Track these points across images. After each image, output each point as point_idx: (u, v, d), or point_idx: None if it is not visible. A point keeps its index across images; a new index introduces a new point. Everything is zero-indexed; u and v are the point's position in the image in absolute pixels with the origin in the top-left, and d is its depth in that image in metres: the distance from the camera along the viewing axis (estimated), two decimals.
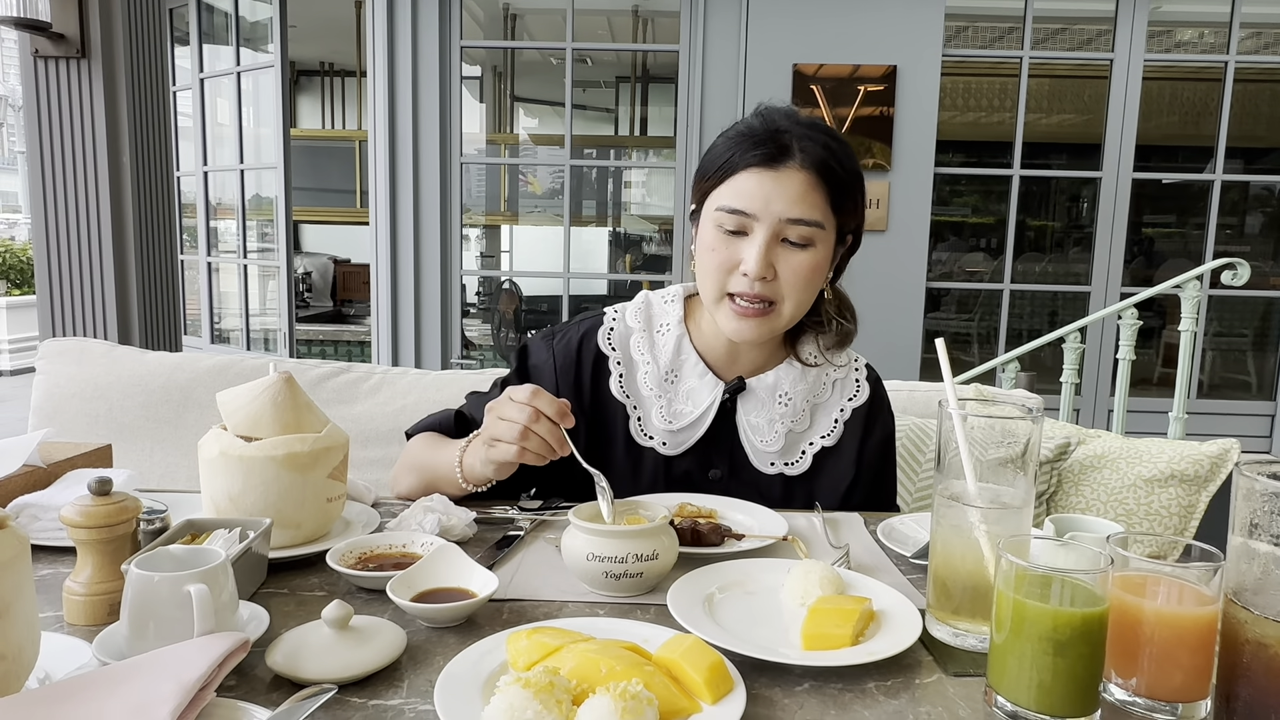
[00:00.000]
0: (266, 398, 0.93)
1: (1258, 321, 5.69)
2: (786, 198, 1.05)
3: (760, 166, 1.06)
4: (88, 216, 2.70)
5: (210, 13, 5.87)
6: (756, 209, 1.06)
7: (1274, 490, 0.56)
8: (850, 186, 1.10)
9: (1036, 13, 5.04)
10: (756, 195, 1.06)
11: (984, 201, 6.20)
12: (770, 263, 1.07)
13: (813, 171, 1.06)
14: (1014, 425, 0.77)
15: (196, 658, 0.59)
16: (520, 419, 0.95)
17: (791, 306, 1.10)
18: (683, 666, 0.65)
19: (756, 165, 1.06)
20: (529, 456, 0.97)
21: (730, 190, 1.08)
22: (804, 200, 1.06)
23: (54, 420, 1.69)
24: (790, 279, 1.08)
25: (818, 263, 1.09)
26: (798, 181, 1.06)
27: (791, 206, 1.05)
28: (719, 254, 1.09)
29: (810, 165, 1.06)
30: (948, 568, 0.78)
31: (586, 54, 7.17)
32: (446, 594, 0.81)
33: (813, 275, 1.09)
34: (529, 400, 0.96)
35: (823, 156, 1.06)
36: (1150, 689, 0.66)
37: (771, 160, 1.06)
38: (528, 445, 0.96)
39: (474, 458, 1.05)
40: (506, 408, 0.97)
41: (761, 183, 1.06)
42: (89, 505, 0.77)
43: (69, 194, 2.68)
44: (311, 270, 9.10)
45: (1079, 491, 1.62)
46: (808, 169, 1.06)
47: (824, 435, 1.21)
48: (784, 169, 1.06)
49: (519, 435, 0.96)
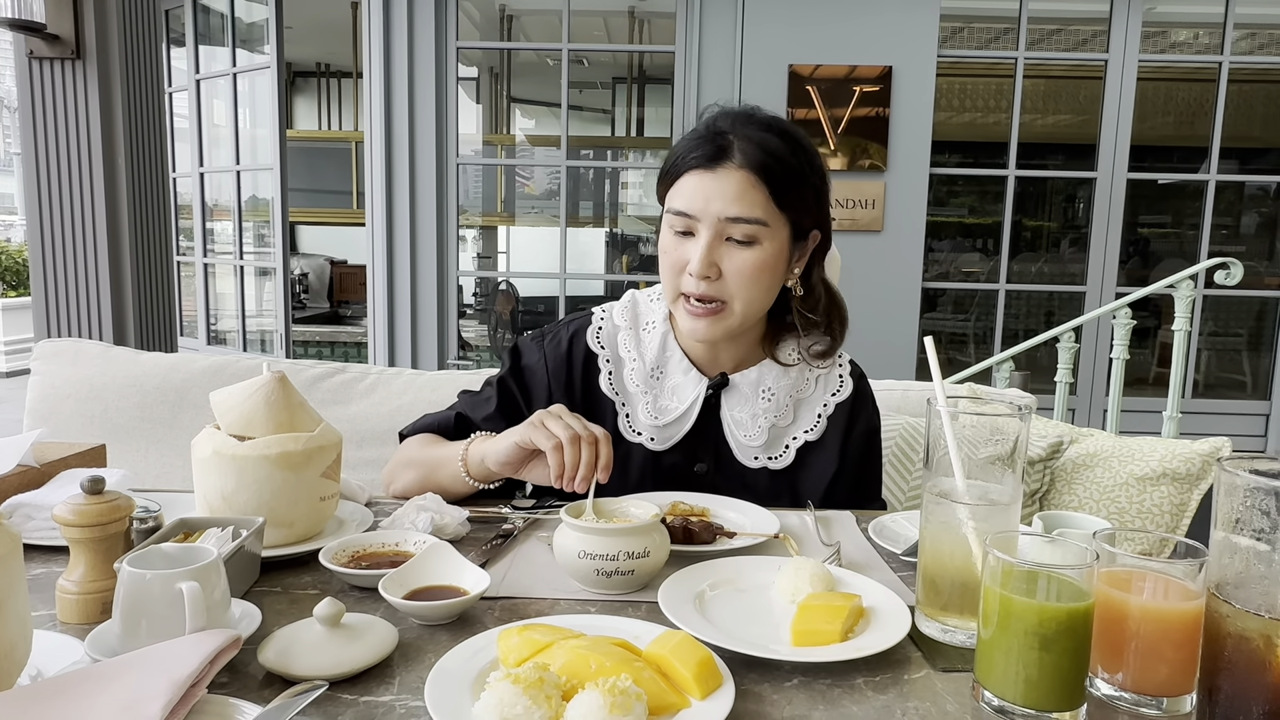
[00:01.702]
0: (260, 397, 0.93)
1: (1252, 321, 5.72)
2: (725, 197, 1.07)
3: (700, 168, 1.09)
4: (83, 218, 2.69)
5: (206, 14, 5.87)
6: (697, 209, 1.09)
7: (1255, 485, 0.57)
8: (795, 182, 1.10)
9: (1031, 13, 5.06)
10: (697, 196, 1.09)
11: (979, 202, 6.22)
12: (713, 261, 1.09)
13: (750, 170, 1.08)
14: (1002, 423, 0.77)
15: (188, 655, 0.60)
16: (579, 426, 0.97)
17: (741, 304, 1.11)
18: (672, 662, 0.66)
19: (696, 167, 1.09)
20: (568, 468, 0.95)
21: (676, 192, 1.12)
22: (742, 199, 1.08)
23: (49, 421, 1.69)
24: (735, 277, 1.10)
25: (764, 260, 1.10)
26: (735, 180, 1.08)
27: (730, 205, 1.07)
28: (670, 255, 1.12)
29: (748, 164, 1.08)
30: (936, 564, 0.79)
31: (583, 55, 7.18)
32: (439, 592, 0.81)
33: (759, 273, 1.10)
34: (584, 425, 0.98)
35: (760, 156, 1.08)
36: (1136, 683, 0.67)
37: (710, 161, 1.08)
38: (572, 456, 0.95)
39: (482, 454, 1.06)
40: (561, 416, 0.99)
41: (701, 183, 1.09)
42: (82, 504, 0.77)
43: (64, 195, 2.68)
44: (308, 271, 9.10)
45: (1071, 490, 1.63)
46: (745, 168, 1.08)
47: (807, 430, 1.22)
48: (721, 169, 1.08)
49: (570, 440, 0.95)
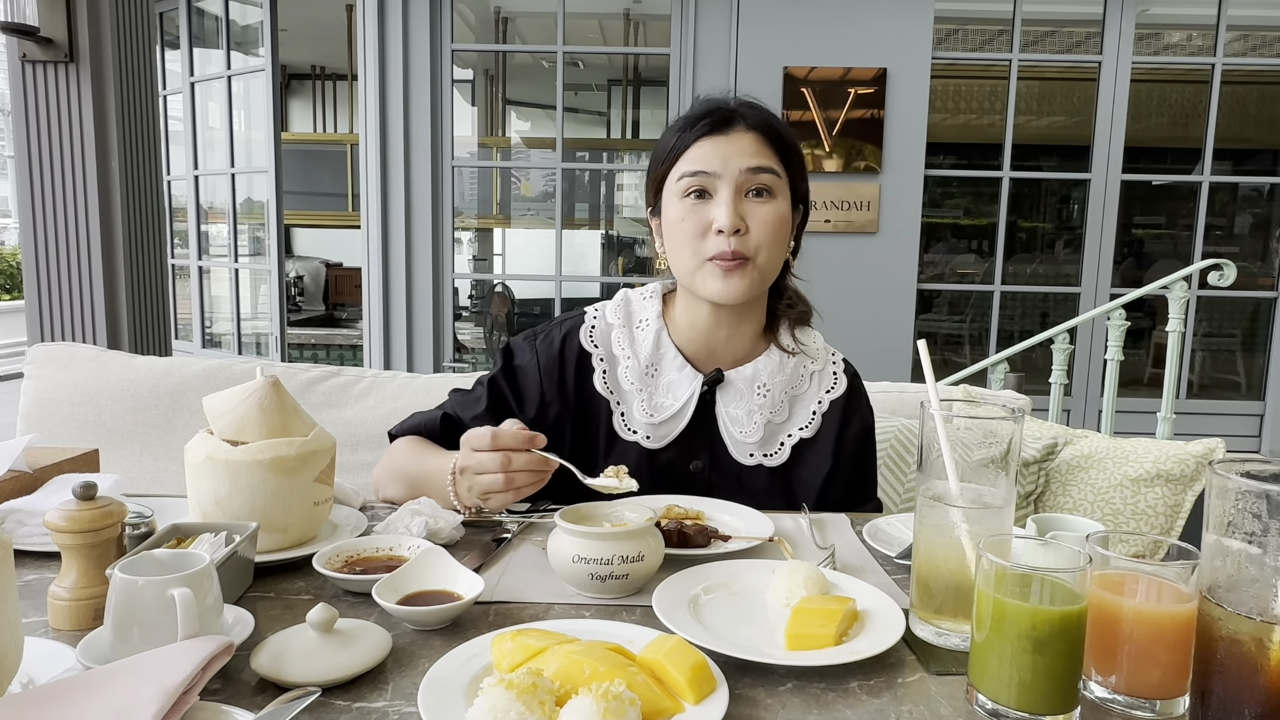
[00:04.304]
0: (253, 401, 0.93)
1: (1246, 322, 5.73)
2: (743, 153, 1.13)
3: (711, 134, 1.13)
4: (76, 221, 2.69)
5: (200, 16, 5.86)
6: (716, 167, 1.12)
7: (1246, 488, 0.57)
8: (794, 148, 1.18)
9: (1025, 15, 5.07)
10: (714, 156, 1.13)
11: (974, 203, 6.22)
12: (740, 215, 1.12)
13: (759, 131, 1.14)
14: (996, 425, 0.77)
15: (180, 661, 0.59)
16: (495, 467, 0.98)
17: (765, 258, 1.14)
18: (666, 667, 0.66)
19: (707, 134, 1.14)
20: (526, 492, 1.00)
21: (686, 161, 1.14)
22: (758, 153, 1.13)
23: (42, 426, 1.68)
24: (760, 230, 1.13)
25: (781, 214, 1.14)
26: (749, 139, 1.14)
27: (749, 158, 1.12)
28: (689, 220, 1.13)
29: (755, 126, 1.14)
30: (930, 567, 0.79)
31: (578, 57, 7.18)
32: (433, 597, 0.81)
33: (779, 227, 1.14)
34: (492, 445, 0.98)
35: (767, 118, 1.16)
36: (1129, 686, 0.67)
37: (720, 126, 1.14)
38: (519, 485, 0.99)
39: (468, 493, 1.04)
40: (477, 461, 0.99)
41: (716, 145, 1.13)
42: (73, 510, 0.77)
43: (57, 199, 2.67)
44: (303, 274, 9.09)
45: (1066, 492, 1.64)
46: (754, 129, 1.14)
47: (802, 427, 1.22)
48: (733, 132, 1.14)
49: (505, 483, 0.98)
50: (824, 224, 4.95)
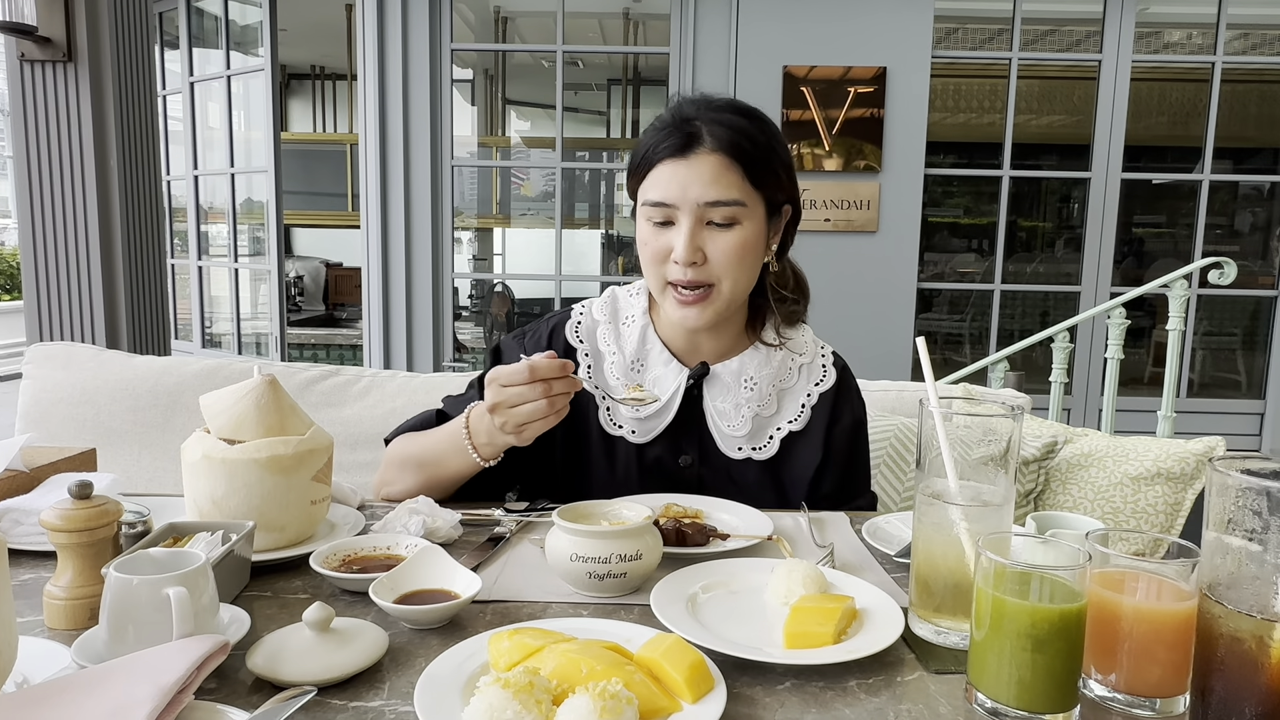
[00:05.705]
0: (250, 400, 0.93)
1: (1247, 320, 5.73)
2: (702, 181, 1.09)
3: (672, 157, 1.10)
4: (75, 221, 2.68)
5: (200, 16, 5.86)
6: (675, 198, 1.10)
7: (1246, 485, 0.57)
8: (767, 160, 1.12)
9: (1025, 14, 5.07)
10: (673, 184, 1.10)
11: (974, 202, 6.22)
12: (698, 247, 1.10)
13: (723, 153, 1.09)
14: (995, 423, 0.77)
15: (175, 660, 0.59)
16: (536, 395, 0.98)
17: (730, 285, 1.12)
18: (663, 666, 0.65)
19: (668, 156, 1.10)
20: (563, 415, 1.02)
21: (650, 183, 1.12)
22: (719, 182, 1.09)
23: (41, 425, 1.68)
24: (721, 259, 1.11)
25: (746, 240, 1.11)
26: (710, 165, 1.09)
27: (707, 190, 1.08)
28: (651, 246, 1.13)
29: (720, 147, 1.09)
30: (929, 566, 0.78)
31: (578, 57, 7.17)
32: (430, 595, 0.81)
33: (743, 253, 1.12)
34: (531, 377, 0.98)
35: (731, 137, 1.09)
36: (1129, 684, 0.67)
37: (681, 149, 1.10)
38: (559, 409, 1.00)
39: (499, 431, 1.03)
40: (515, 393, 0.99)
41: (675, 172, 1.10)
42: (69, 509, 0.76)
43: (56, 198, 2.67)
44: (303, 274, 9.08)
45: (1066, 490, 1.63)
46: (718, 151, 1.09)
47: (791, 420, 1.22)
48: (694, 156, 1.09)
49: (548, 407, 0.99)
50: (824, 223, 4.95)
